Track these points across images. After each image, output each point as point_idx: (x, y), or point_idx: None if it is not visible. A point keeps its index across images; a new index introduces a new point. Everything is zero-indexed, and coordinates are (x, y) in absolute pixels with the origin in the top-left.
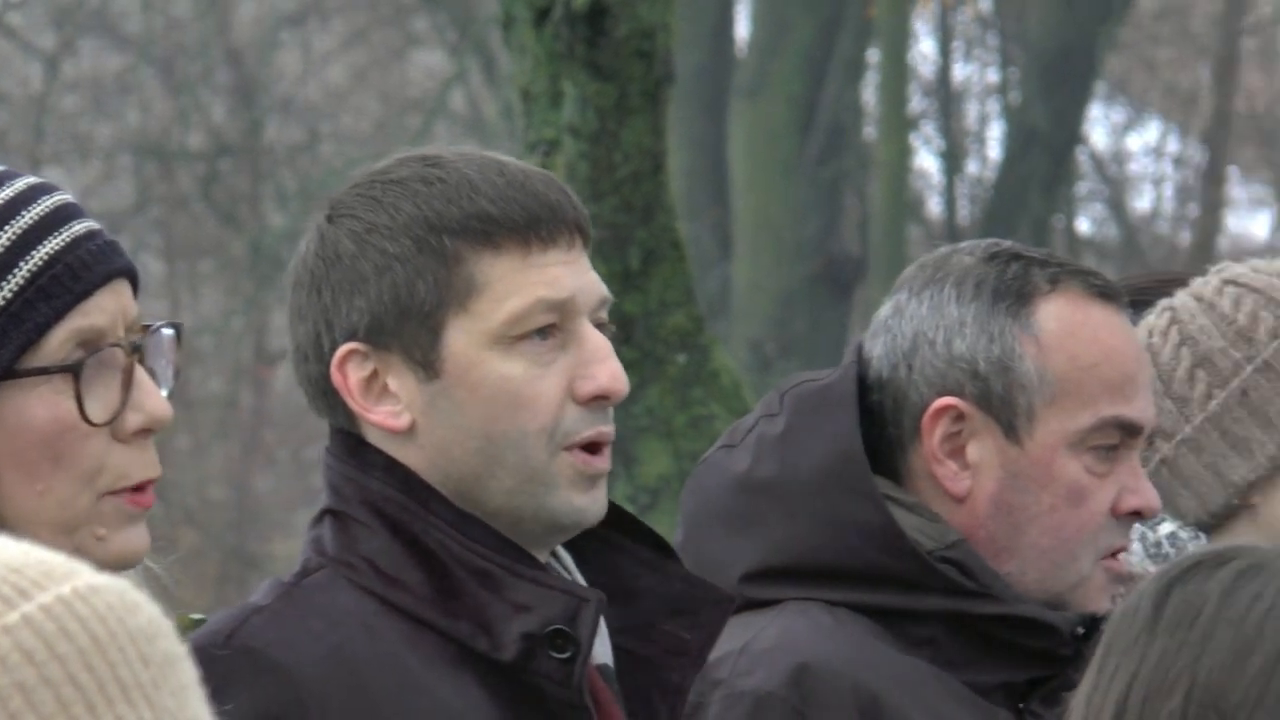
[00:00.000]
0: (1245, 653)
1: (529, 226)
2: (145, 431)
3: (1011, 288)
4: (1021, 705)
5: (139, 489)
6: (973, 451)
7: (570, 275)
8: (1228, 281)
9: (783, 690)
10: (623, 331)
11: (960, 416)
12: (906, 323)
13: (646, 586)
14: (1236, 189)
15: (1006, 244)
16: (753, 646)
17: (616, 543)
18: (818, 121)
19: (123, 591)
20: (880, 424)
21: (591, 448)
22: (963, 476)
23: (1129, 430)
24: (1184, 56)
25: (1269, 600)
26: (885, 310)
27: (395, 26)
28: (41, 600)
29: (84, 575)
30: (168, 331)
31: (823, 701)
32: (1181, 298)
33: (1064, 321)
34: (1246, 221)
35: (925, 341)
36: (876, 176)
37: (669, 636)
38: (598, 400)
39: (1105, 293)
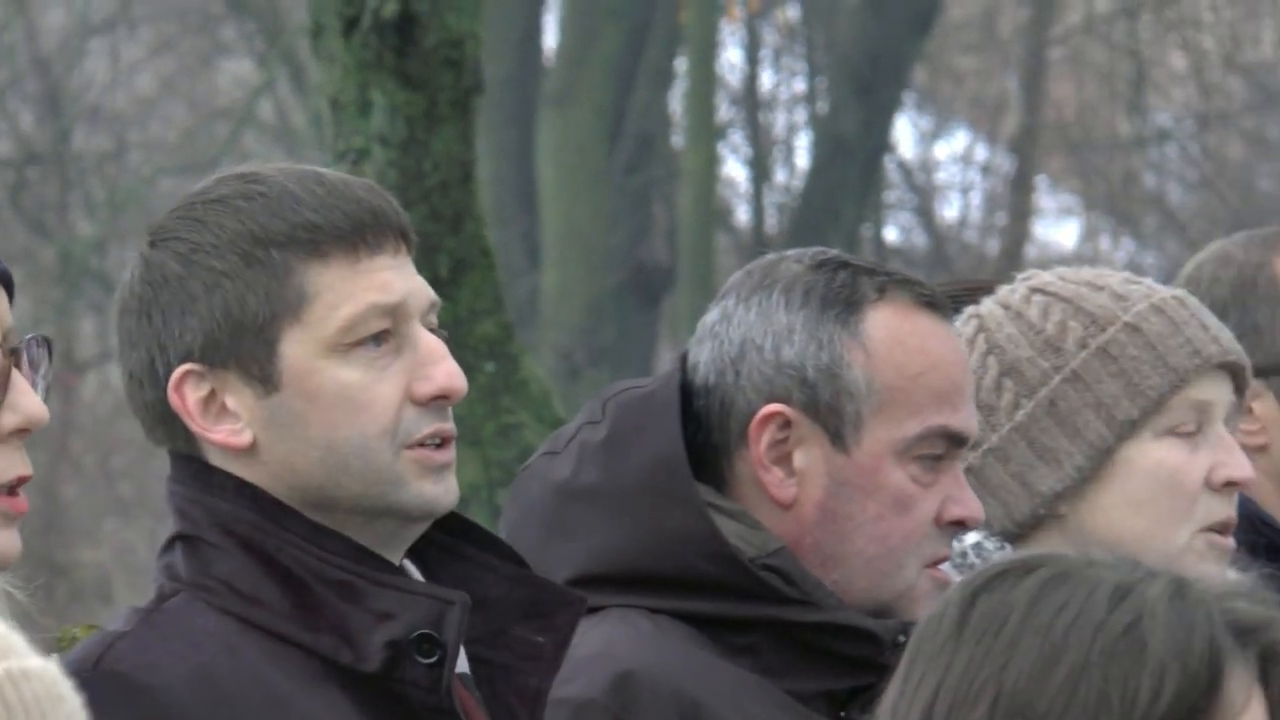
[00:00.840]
0: (1051, 661)
1: (355, 233)
2: (20, 432)
3: (840, 295)
4: (843, 713)
5: (12, 492)
6: (799, 459)
7: (400, 279)
8: (1035, 290)
9: (603, 698)
10: None
11: (787, 423)
12: (734, 329)
13: (496, 593)
14: (1044, 198)
15: (833, 252)
16: (574, 654)
17: (462, 551)
18: (626, 130)
19: (51, 682)
20: (705, 430)
21: (432, 445)
22: (789, 484)
23: (954, 440)
24: (991, 66)
25: (1075, 609)
26: (712, 316)
27: (203, 35)
28: None
29: (15, 656)
30: (43, 343)
31: (643, 709)
32: (988, 305)
33: (892, 330)
34: (1054, 230)
35: (753, 348)
36: (684, 185)
37: (522, 642)
38: (437, 400)
39: (932, 302)
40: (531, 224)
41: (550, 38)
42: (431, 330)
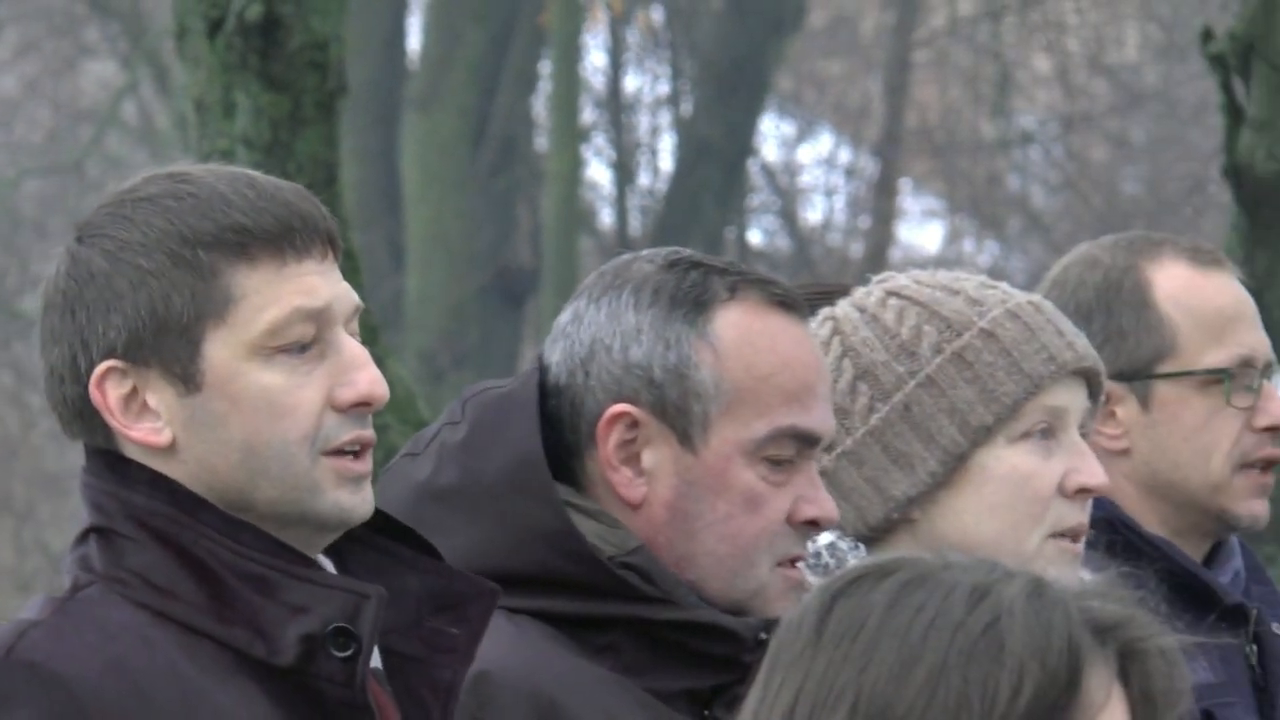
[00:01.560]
0: (909, 665)
1: (283, 237)
2: None
3: (689, 295)
4: (706, 712)
5: None
6: (648, 459)
7: (325, 285)
8: (891, 293)
9: (461, 697)
10: None
11: (635, 423)
12: (584, 329)
13: (410, 585)
14: (908, 200)
15: (687, 252)
16: None
17: (376, 544)
18: (490, 133)
19: None
20: (558, 431)
21: (351, 453)
22: (638, 483)
23: (806, 440)
24: (855, 69)
25: (932, 610)
26: (565, 317)
27: (67, 36)
28: None
29: None
30: None
31: (501, 708)
32: (844, 308)
33: (741, 330)
34: (918, 233)
35: (602, 348)
36: (548, 188)
37: (436, 634)
38: (358, 407)
39: (785, 302)
40: (396, 226)
41: (414, 40)
42: (354, 337)
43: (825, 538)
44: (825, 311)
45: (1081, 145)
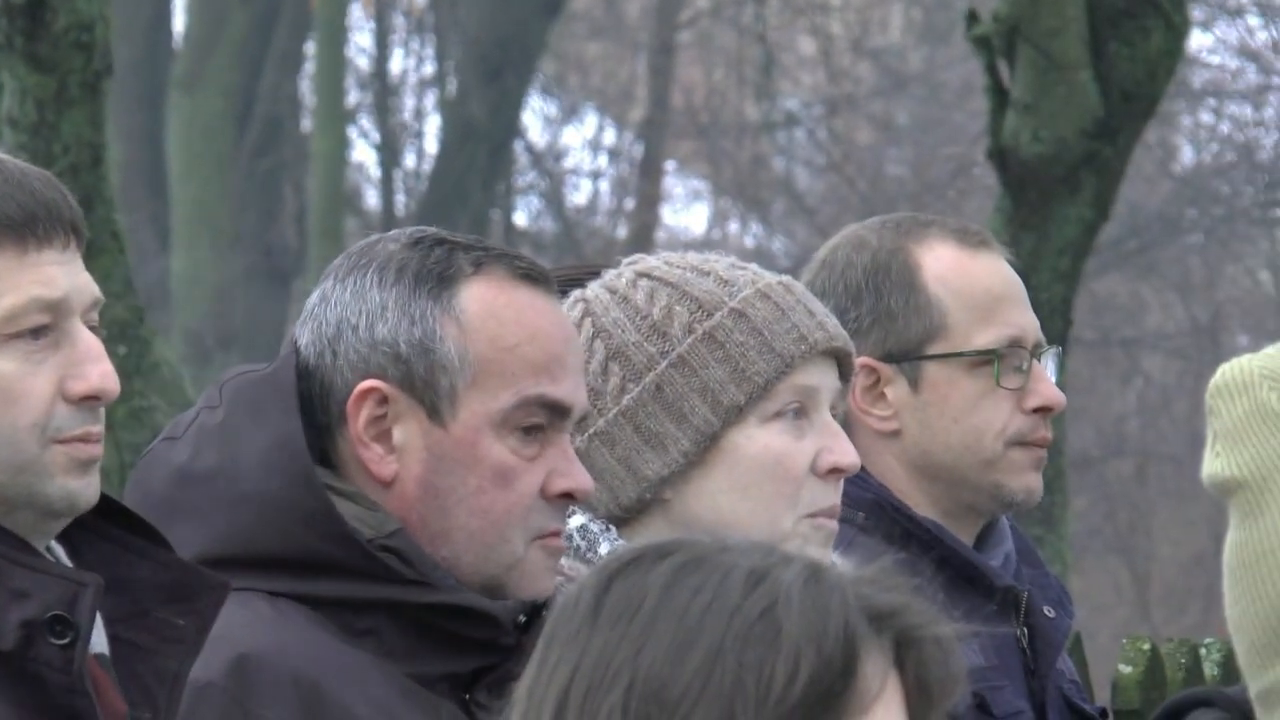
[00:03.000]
0: (686, 646)
1: (26, 225)
2: None
3: (434, 271)
4: (467, 696)
5: None
6: (398, 435)
7: (65, 275)
8: (641, 275)
9: (221, 680)
10: None
11: (384, 400)
12: (331, 310)
13: (140, 575)
14: (673, 182)
15: (432, 230)
16: None
17: (107, 532)
18: (254, 114)
19: None
20: (310, 413)
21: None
22: (388, 460)
23: (556, 410)
24: (620, 50)
25: (709, 593)
26: (313, 298)
27: None
28: None
29: None
30: None
31: (262, 691)
32: (594, 289)
33: (486, 303)
34: (683, 215)
35: (349, 327)
36: (314, 168)
37: (164, 624)
38: (89, 400)
39: (530, 275)
40: (161, 207)
41: (179, 21)
42: (91, 328)
43: (577, 519)
44: (576, 293)
45: (846, 128)
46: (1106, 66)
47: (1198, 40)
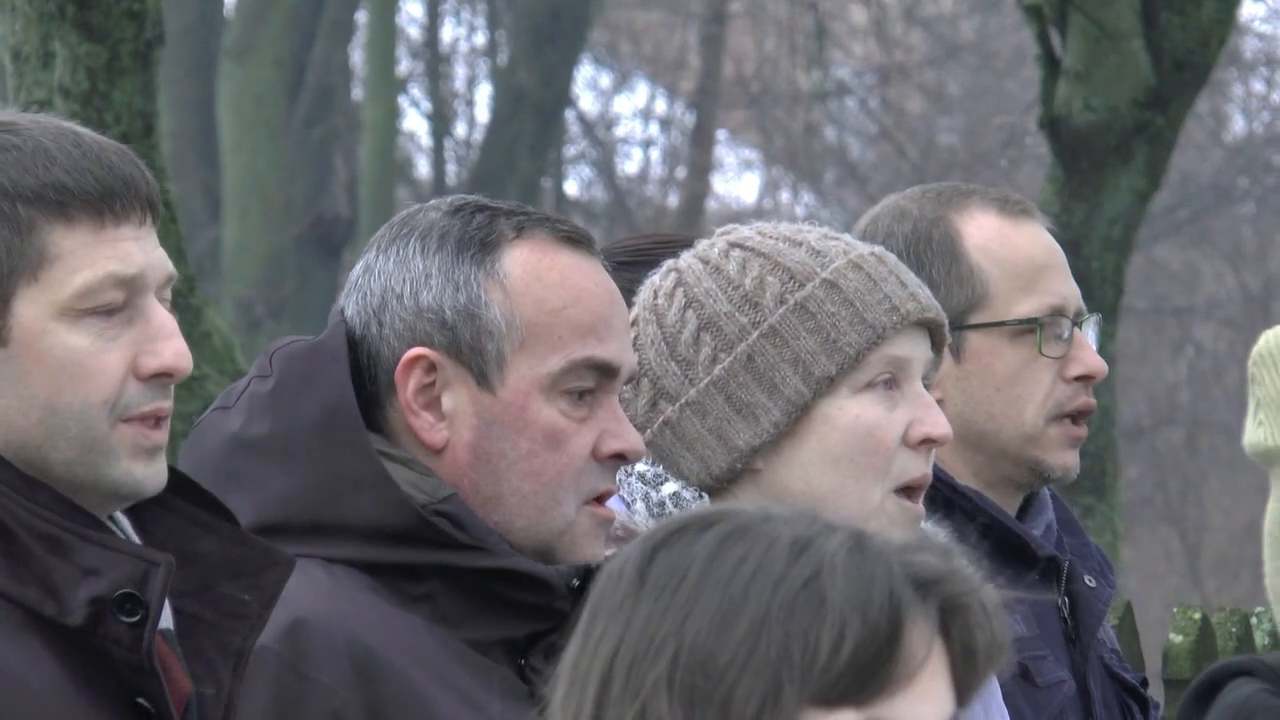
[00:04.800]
0: (731, 615)
1: (103, 200)
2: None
3: (476, 237)
4: (522, 661)
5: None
6: (447, 401)
7: (141, 251)
8: (734, 245)
9: (276, 645)
10: None
11: (432, 367)
12: (375, 280)
13: (205, 549)
14: (725, 152)
15: (473, 198)
16: None
17: (174, 506)
18: (306, 83)
19: None
20: (359, 383)
21: (150, 421)
22: (439, 427)
23: (604, 372)
24: (672, 19)
25: (754, 563)
26: (357, 270)
27: None
28: None
29: None
30: None
31: (317, 656)
32: (687, 259)
33: (530, 267)
34: (735, 184)
35: (393, 296)
36: (365, 138)
37: (229, 599)
38: (160, 377)
39: (572, 238)
40: (212, 176)
41: None
42: (165, 305)
43: (669, 488)
44: (669, 263)
45: (897, 97)
46: (1158, 35)
47: (1249, 9)
